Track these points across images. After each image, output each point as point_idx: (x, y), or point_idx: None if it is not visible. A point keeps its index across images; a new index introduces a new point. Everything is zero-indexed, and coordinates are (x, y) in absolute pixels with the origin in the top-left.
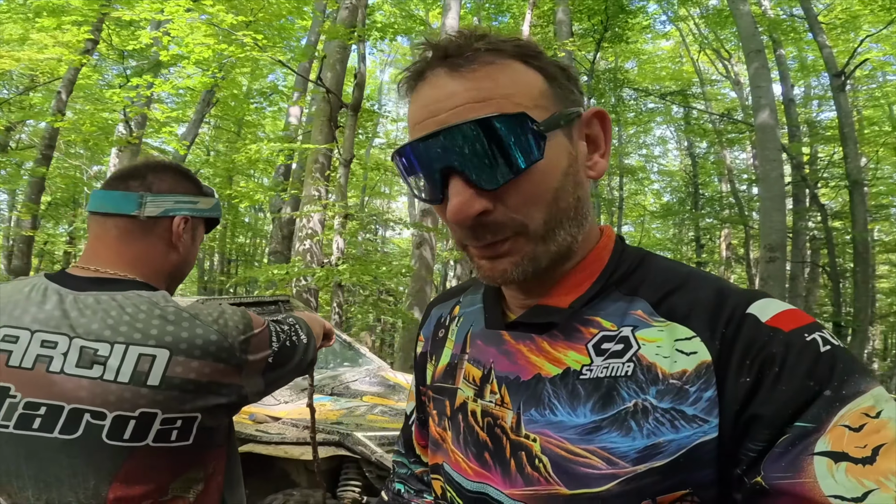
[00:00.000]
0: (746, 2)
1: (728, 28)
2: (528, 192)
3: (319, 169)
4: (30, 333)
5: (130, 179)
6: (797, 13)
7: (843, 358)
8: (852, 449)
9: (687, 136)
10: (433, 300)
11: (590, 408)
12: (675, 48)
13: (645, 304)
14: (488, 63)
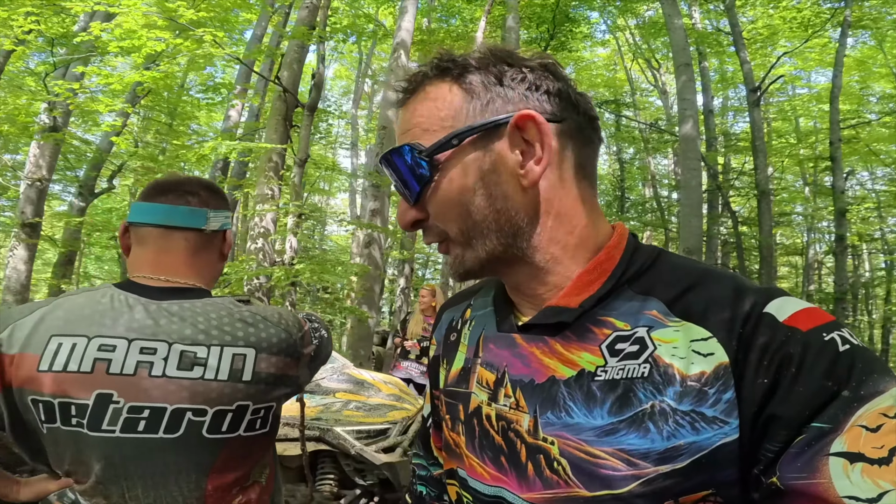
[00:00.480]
0: (680, 16)
1: (659, 38)
2: (438, 206)
3: (273, 168)
4: (127, 342)
5: (188, 196)
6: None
7: (863, 357)
8: (869, 449)
9: (616, 142)
10: (445, 303)
11: (606, 409)
12: (610, 56)
13: (659, 304)
14: (418, 92)
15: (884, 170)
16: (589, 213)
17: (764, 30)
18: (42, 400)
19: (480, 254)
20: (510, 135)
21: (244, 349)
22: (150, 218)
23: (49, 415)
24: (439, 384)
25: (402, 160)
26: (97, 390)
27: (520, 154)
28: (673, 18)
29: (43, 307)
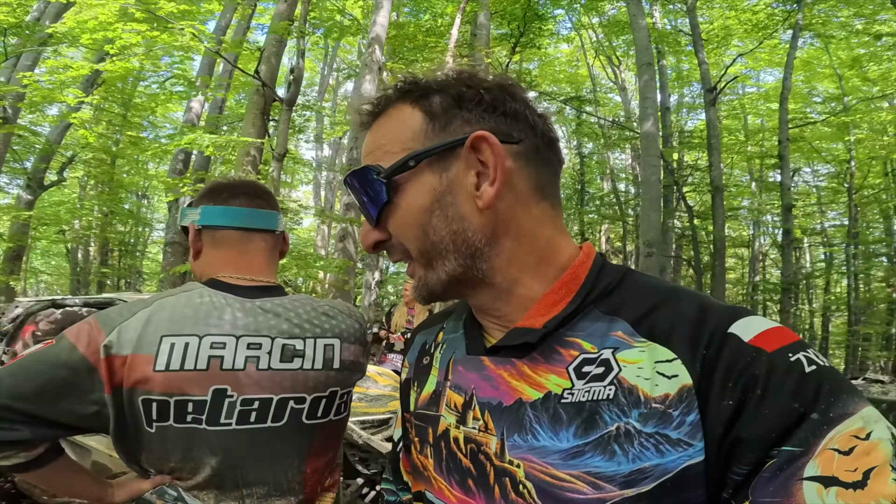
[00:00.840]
0: (644, 17)
1: (621, 36)
2: (397, 227)
3: (251, 162)
4: (235, 339)
5: (258, 199)
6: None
7: (830, 378)
8: (843, 473)
9: (577, 137)
10: (418, 325)
11: (572, 432)
12: (573, 52)
13: (625, 325)
14: (382, 115)
15: (825, 167)
16: (551, 234)
17: (720, 31)
18: (155, 399)
19: (441, 275)
20: (466, 156)
21: (332, 340)
22: (231, 221)
23: (161, 413)
24: (409, 407)
25: (363, 181)
26: (213, 386)
27: (475, 175)
28: (637, 18)
29: (144, 308)
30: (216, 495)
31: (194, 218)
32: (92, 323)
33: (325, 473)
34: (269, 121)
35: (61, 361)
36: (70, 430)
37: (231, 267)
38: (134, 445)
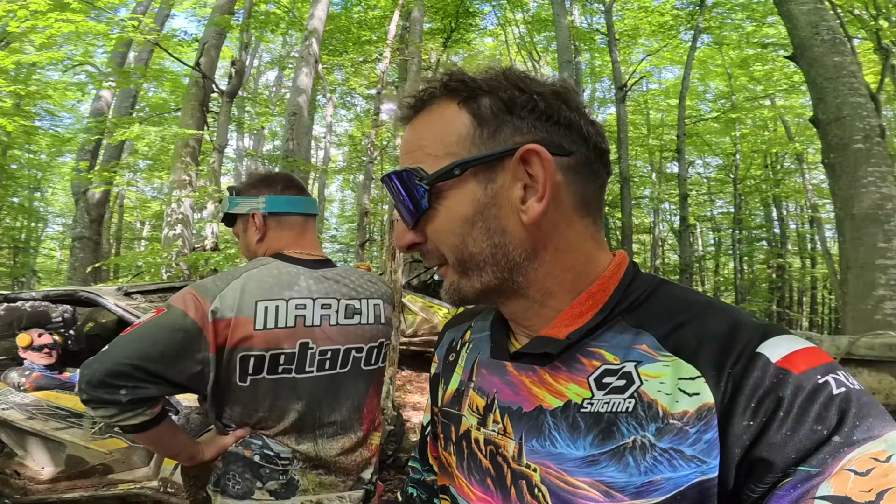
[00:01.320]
0: (566, 16)
1: (542, 33)
2: (435, 234)
3: (191, 153)
4: (312, 301)
5: (304, 190)
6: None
7: (858, 401)
8: (856, 493)
9: None
10: (448, 322)
11: (589, 441)
12: (496, 46)
13: (651, 339)
14: (425, 111)
15: (714, 159)
16: (591, 249)
17: (630, 30)
18: (253, 354)
19: (476, 284)
20: (514, 168)
21: (377, 300)
22: (294, 208)
23: (257, 367)
24: (437, 402)
25: (403, 183)
26: (300, 340)
27: (522, 188)
28: (560, 18)
29: (235, 279)
30: (296, 438)
31: (258, 206)
32: (194, 293)
33: (376, 414)
34: (207, 112)
35: (177, 326)
36: (179, 388)
37: (294, 245)
38: (223, 402)
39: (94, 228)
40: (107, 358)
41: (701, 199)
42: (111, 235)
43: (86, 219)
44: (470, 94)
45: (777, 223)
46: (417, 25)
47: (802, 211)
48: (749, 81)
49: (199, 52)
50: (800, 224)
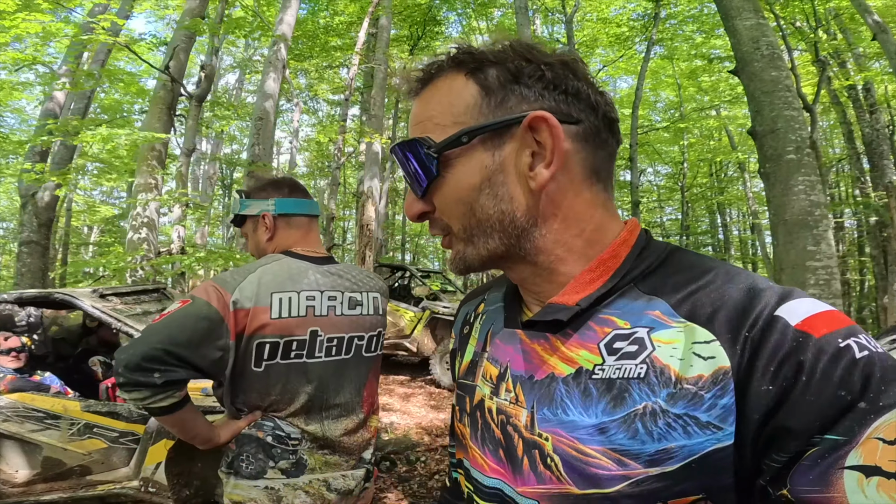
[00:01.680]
0: (530, 27)
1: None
2: (443, 202)
3: (157, 157)
4: (320, 293)
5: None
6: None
7: (883, 365)
8: (886, 462)
9: None
10: (463, 298)
11: (601, 408)
12: None
13: (665, 305)
14: (432, 83)
15: (664, 167)
16: (601, 217)
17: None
18: (269, 341)
19: (481, 251)
20: (522, 135)
21: (376, 293)
22: (301, 209)
23: (272, 352)
24: (455, 376)
25: (413, 153)
26: (310, 328)
27: (530, 155)
28: (524, 28)
29: (251, 273)
30: (305, 419)
31: (268, 207)
32: (215, 286)
33: (375, 398)
34: (175, 116)
35: (203, 314)
36: (202, 373)
37: (301, 243)
38: (238, 387)
39: (43, 233)
40: (142, 343)
41: (651, 205)
42: (57, 240)
43: (34, 223)
44: (477, 66)
45: (721, 229)
46: (385, 33)
47: (744, 217)
48: (697, 92)
49: (167, 56)
50: (742, 230)
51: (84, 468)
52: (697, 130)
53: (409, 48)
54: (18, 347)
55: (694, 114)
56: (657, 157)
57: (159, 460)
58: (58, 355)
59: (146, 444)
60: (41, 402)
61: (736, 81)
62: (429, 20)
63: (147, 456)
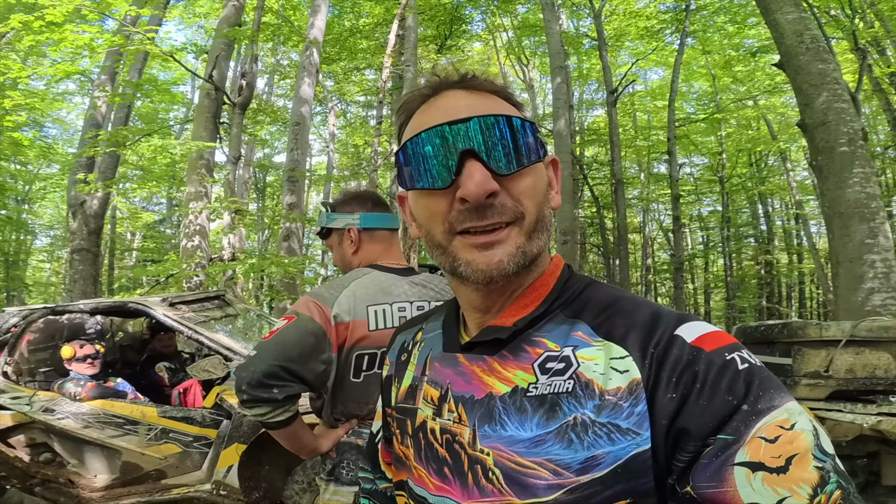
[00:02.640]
0: (558, 23)
1: (529, 37)
2: (527, 187)
3: (205, 166)
4: (409, 304)
5: (388, 207)
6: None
7: (759, 375)
8: (768, 459)
9: None
10: (399, 327)
11: (536, 422)
12: (483, 50)
13: (586, 327)
14: (493, 91)
15: (701, 158)
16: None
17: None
18: (367, 352)
19: (534, 249)
20: (546, 166)
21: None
22: (385, 223)
23: (370, 363)
24: (391, 401)
25: (522, 129)
26: None
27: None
28: (551, 24)
29: (345, 288)
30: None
31: (353, 221)
32: (315, 301)
33: None
34: (219, 124)
35: (308, 330)
36: (309, 386)
37: (385, 256)
38: (337, 398)
39: (93, 240)
40: (259, 361)
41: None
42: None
43: (84, 230)
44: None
45: (763, 220)
46: (412, 34)
47: (787, 207)
48: (732, 82)
49: (210, 65)
50: (785, 220)
51: (160, 472)
52: (734, 120)
53: (436, 48)
54: (93, 354)
55: (731, 104)
56: (693, 148)
57: (230, 463)
58: (125, 361)
59: (218, 448)
60: (120, 409)
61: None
62: (455, 19)
63: (219, 460)
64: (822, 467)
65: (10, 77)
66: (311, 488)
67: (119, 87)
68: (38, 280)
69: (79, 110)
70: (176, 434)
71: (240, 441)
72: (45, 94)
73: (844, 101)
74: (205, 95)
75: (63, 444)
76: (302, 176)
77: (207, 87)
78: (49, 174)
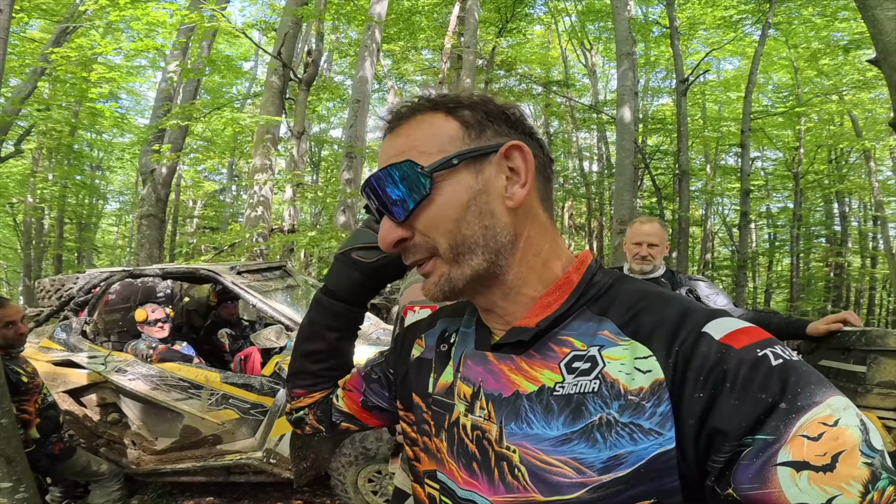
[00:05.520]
0: (626, 9)
1: (595, 22)
2: (430, 221)
3: (271, 140)
4: None
5: None
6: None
7: (797, 371)
8: (813, 457)
9: (546, 115)
10: (442, 309)
11: (562, 421)
12: (544, 34)
13: (612, 325)
14: (411, 120)
15: (775, 152)
16: (553, 239)
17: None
18: None
19: (466, 271)
20: (498, 162)
21: None
22: None
23: None
24: (427, 388)
25: (403, 176)
26: None
27: (505, 179)
28: (620, 10)
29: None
30: None
31: None
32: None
33: None
34: (286, 100)
35: None
36: None
37: None
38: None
39: (160, 207)
40: None
41: (758, 193)
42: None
43: (152, 197)
44: (454, 106)
45: (838, 220)
46: (472, 16)
47: (866, 208)
48: (817, 75)
49: (278, 42)
50: (862, 222)
51: (216, 437)
52: (815, 115)
53: (496, 31)
54: (164, 318)
55: (814, 98)
56: (767, 141)
57: (283, 433)
58: (190, 326)
59: (273, 416)
60: (186, 373)
61: (865, 66)
62: (517, 1)
63: (273, 428)
64: (870, 463)
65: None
66: (356, 462)
67: (190, 60)
68: (107, 243)
69: (149, 83)
70: (235, 400)
71: None
72: (122, 68)
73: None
74: (272, 72)
75: (130, 405)
76: (360, 152)
77: (276, 64)
78: (121, 143)
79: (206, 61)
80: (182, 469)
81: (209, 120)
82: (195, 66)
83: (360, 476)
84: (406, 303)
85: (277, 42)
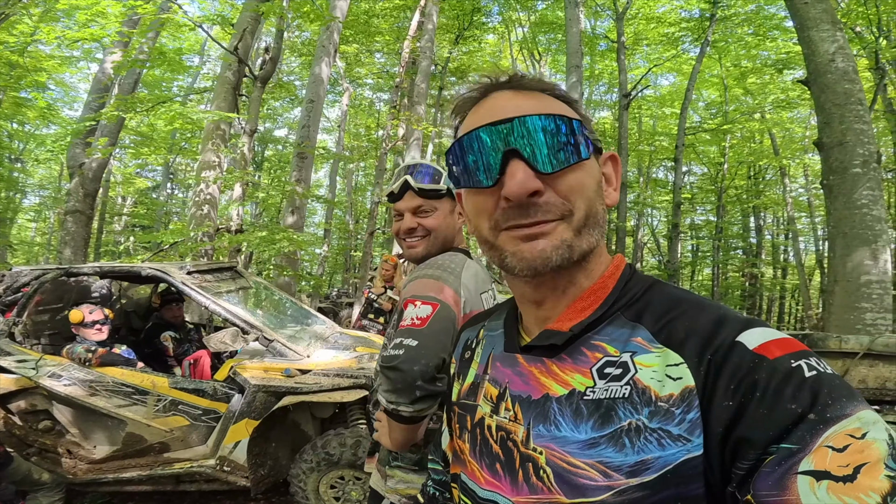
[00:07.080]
0: (579, 23)
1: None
2: (574, 184)
3: (221, 136)
4: (492, 288)
5: None
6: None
7: (830, 383)
8: (835, 468)
9: None
10: (464, 324)
11: (591, 425)
12: (496, 43)
13: (646, 332)
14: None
15: (701, 167)
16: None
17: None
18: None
19: (584, 245)
20: (604, 163)
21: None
22: None
23: None
24: (454, 398)
25: (567, 130)
26: None
27: (604, 179)
28: (573, 24)
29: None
30: None
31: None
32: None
33: None
34: (239, 97)
35: (451, 318)
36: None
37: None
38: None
39: (88, 203)
40: (429, 354)
41: (684, 206)
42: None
43: (80, 192)
44: (572, 101)
45: (754, 233)
46: (430, 23)
47: (779, 223)
48: (743, 93)
49: (236, 37)
50: (775, 235)
51: (163, 445)
52: (739, 132)
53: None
54: (102, 320)
55: (740, 115)
56: (695, 157)
57: (239, 439)
58: (129, 328)
59: (227, 422)
60: (130, 377)
61: (787, 86)
62: (475, 10)
63: (227, 434)
64: (893, 476)
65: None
66: (318, 468)
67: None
68: (23, 239)
69: (81, 75)
70: (185, 406)
71: (251, 417)
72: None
73: (865, 123)
74: (227, 67)
75: (65, 412)
76: (312, 153)
77: (231, 60)
78: (44, 135)
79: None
80: (126, 478)
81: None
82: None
83: (321, 482)
84: (408, 296)
85: (235, 37)
